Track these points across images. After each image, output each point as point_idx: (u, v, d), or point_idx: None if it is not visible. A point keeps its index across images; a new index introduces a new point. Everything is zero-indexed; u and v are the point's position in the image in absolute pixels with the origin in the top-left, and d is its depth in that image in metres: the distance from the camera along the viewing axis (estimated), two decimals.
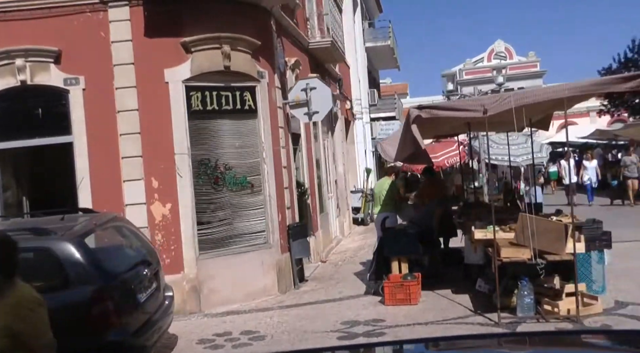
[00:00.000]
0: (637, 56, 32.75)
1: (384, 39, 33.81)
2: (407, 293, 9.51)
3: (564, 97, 8.15)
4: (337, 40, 16.46)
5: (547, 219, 8.42)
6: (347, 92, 23.49)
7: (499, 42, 50.92)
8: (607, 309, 8.41)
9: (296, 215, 12.46)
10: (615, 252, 12.17)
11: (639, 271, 10.51)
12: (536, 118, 11.64)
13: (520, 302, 8.29)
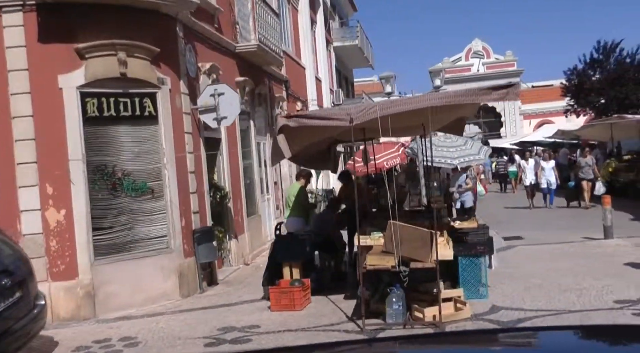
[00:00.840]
0: (603, 57, 32.78)
1: (351, 39, 33.84)
2: (291, 299, 9.55)
3: (428, 106, 8.18)
4: (271, 43, 16.43)
5: (413, 227, 8.42)
6: (301, 92, 23.51)
7: (476, 41, 50.91)
8: (477, 314, 8.44)
9: (208, 220, 12.48)
10: (535, 254, 12.34)
11: (542, 274, 10.53)
12: (442, 124, 11.70)
13: (389, 308, 8.33)
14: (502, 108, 49.93)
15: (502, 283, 10.16)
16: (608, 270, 10.51)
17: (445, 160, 17.20)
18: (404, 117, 9.08)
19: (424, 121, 9.46)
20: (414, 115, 9.17)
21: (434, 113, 10.01)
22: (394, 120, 9.19)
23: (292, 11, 23.70)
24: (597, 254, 12.06)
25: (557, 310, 8.35)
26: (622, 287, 9.24)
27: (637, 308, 8.12)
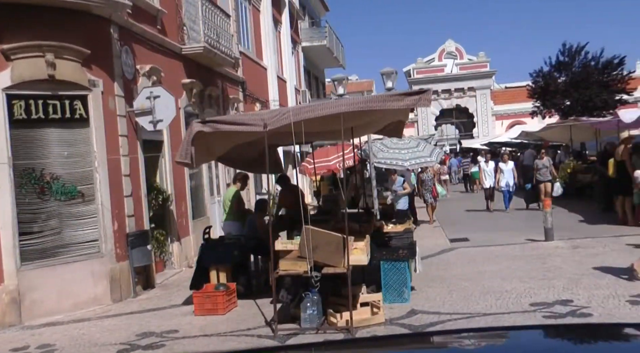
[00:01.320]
0: (568, 59, 32.97)
1: (320, 39, 33.79)
2: (214, 303, 9.51)
3: (340, 112, 8.16)
4: (221, 45, 16.36)
5: (326, 232, 8.40)
6: (262, 93, 23.45)
7: (449, 41, 51.06)
8: (393, 318, 8.44)
9: (145, 223, 12.40)
10: (473, 256, 12.37)
11: (472, 276, 10.57)
12: (377, 127, 11.72)
13: (303, 313, 8.31)
14: (474, 109, 50.11)
15: (429, 286, 10.18)
16: (537, 272, 10.54)
17: (396, 162, 17.23)
18: (330, 121, 9.07)
19: (347, 125, 9.47)
20: (337, 119, 9.15)
21: (362, 117, 10.07)
22: (320, 124, 9.21)
23: (253, 12, 23.63)
24: (532, 256, 12.11)
25: (471, 313, 8.35)
26: (543, 290, 9.27)
27: (549, 310, 8.13)
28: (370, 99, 8.58)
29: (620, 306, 8.15)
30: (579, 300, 8.55)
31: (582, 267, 10.67)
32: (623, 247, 12.33)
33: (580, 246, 12.81)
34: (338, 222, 11.02)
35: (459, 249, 13.80)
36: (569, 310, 8.08)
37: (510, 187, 20.68)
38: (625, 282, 9.31)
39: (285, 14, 28.65)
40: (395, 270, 9.24)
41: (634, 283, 9.16)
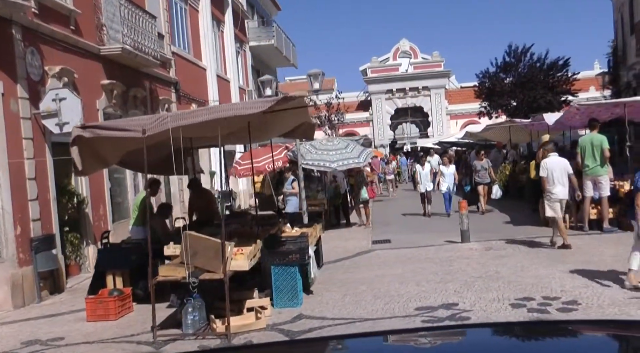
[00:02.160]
0: (514, 60, 33.32)
1: (267, 39, 33.69)
2: (106, 309, 9.40)
3: (217, 118, 8.14)
4: (145, 46, 16.20)
5: (206, 237, 8.35)
6: (201, 94, 23.31)
7: (403, 41, 51.28)
8: (276, 323, 8.42)
9: (54, 227, 12.22)
10: (386, 259, 12.41)
11: (373, 280, 10.61)
12: (281, 131, 11.72)
13: (184, 319, 8.25)
14: (429, 108, 50.42)
15: (328, 290, 10.18)
16: (437, 275, 10.60)
17: (324, 163, 17.26)
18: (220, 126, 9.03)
19: (232, 130, 9.45)
20: (230, 124, 9.11)
21: (263, 122, 10.06)
22: (212, 129, 9.14)
23: (191, 12, 23.47)
24: (442, 258, 12.17)
25: (354, 318, 8.36)
26: (435, 293, 9.32)
27: (430, 315, 8.17)
28: (247, 104, 8.53)
29: (501, 309, 8.21)
30: (463, 304, 8.60)
31: (483, 269, 10.75)
32: (534, 249, 12.46)
33: (493, 248, 12.92)
34: (243, 225, 11.04)
35: (377, 251, 13.83)
36: (449, 314, 8.12)
37: (452, 191, 19.64)
38: (515, 285, 9.40)
39: (228, 13, 28.51)
40: (286, 275, 9.23)
41: (523, 287, 9.25)
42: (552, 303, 8.29)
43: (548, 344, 2.50)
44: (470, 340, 2.67)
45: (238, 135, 10.83)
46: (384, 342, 2.74)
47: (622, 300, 8.23)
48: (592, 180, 13.82)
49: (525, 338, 2.63)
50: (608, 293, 8.58)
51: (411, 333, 3.36)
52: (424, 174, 20.09)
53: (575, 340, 2.55)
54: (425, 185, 19.81)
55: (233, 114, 8.12)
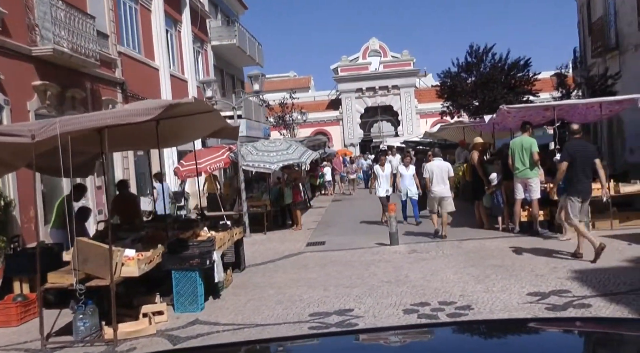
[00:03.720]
0: (476, 60, 33.35)
1: (229, 38, 33.58)
2: (7, 315, 9.31)
3: (105, 125, 8.07)
4: (82, 46, 16.07)
5: (97, 244, 8.28)
6: (153, 93, 23.17)
7: (373, 39, 51.30)
8: (168, 329, 8.40)
9: None
10: (311, 261, 12.41)
11: (285, 284, 10.61)
12: (197, 136, 11.65)
13: (74, 326, 8.18)
14: (399, 107, 50.48)
15: (237, 294, 10.16)
16: (349, 279, 10.56)
17: (264, 164, 17.22)
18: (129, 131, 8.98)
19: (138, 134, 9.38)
20: (135, 128, 9.04)
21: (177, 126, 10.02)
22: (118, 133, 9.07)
23: (142, 11, 23.34)
24: (364, 261, 12.16)
25: (245, 324, 8.32)
26: (336, 299, 9.28)
27: (320, 321, 8.13)
28: (132, 111, 8.40)
29: (393, 315, 8.19)
30: (359, 309, 8.58)
31: (395, 273, 10.74)
32: (458, 251, 12.49)
33: (417, 251, 12.92)
34: (157, 229, 10.98)
35: (306, 254, 13.80)
36: (339, 320, 8.10)
37: (414, 195, 17.29)
38: (418, 290, 9.40)
39: (185, 13, 28.39)
40: (187, 280, 9.18)
41: (425, 292, 9.24)
42: (446, 308, 8.28)
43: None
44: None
45: (162, 137, 10.74)
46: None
47: (515, 305, 8.24)
48: (523, 183, 13.84)
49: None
50: (504, 298, 8.59)
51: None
52: (384, 175, 17.50)
53: (564, 337, 2.57)
54: (386, 188, 17.34)
55: (118, 122, 8.04)
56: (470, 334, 2.72)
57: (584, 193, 10.53)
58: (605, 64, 26.54)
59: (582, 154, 10.56)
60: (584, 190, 10.55)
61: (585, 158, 10.53)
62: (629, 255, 10.84)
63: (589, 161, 10.58)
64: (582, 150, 10.61)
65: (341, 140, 51.07)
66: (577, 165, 10.41)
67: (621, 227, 13.92)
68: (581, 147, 10.73)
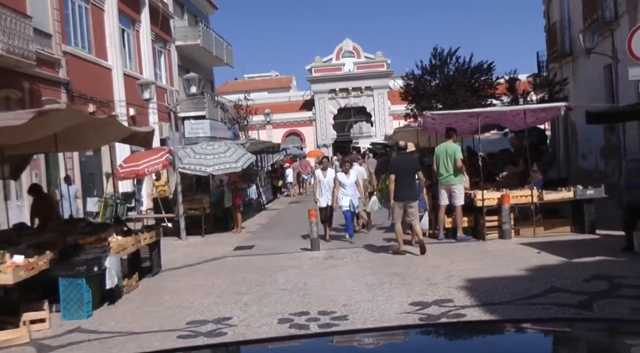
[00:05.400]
0: (439, 63, 33.37)
1: (194, 38, 33.49)
2: None
3: None
4: (16, 47, 15.95)
5: None
6: (104, 94, 23.07)
7: (347, 41, 51.24)
8: (46, 337, 8.31)
9: None
10: (229, 266, 12.36)
11: (187, 290, 10.55)
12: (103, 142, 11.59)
13: None
14: (372, 108, 50.46)
15: (133, 300, 10.11)
16: (249, 286, 10.51)
17: (199, 167, 17.17)
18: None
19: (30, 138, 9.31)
20: None
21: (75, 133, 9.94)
22: None
23: (94, 11, 23.25)
24: (274, 267, 12.09)
25: (121, 332, 8.25)
26: (223, 306, 9.21)
27: (193, 330, 8.06)
28: None
29: (266, 325, 8.12)
30: (237, 318, 8.52)
31: (295, 281, 10.67)
32: (372, 258, 12.49)
33: (333, 257, 12.91)
34: (59, 233, 10.90)
35: (227, 259, 13.74)
36: (211, 329, 8.04)
37: (355, 207, 15.18)
38: (306, 298, 9.35)
39: (145, 13, 28.29)
40: (74, 286, 9.10)
41: (311, 301, 9.19)
42: (321, 318, 8.22)
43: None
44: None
45: (65, 142, 10.68)
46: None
47: (391, 315, 8.20)
48: (447, 189, 13.84)
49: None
50: (384, 308, 8.55)
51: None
52: (325, 182, 15.26)
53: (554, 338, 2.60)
54: (327, 198, 15.12)
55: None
56: (469, 334, 2.74)
57: (405, 200, 12.33)
58: (562, 69, 26.60)
59: (404, 167, 12.54)
60: (406, 198, 12.34)
61: (406, 170, 12.47)
62: (532, 264, 10.82)
63: (411, 173, 12.58)
64: (404, 165, 12.67)
65: (314, 141, 50.98)
66: (399, 177, 12.35)
67: (545, 233, 13.93)
68: (404, 162, 12.86)
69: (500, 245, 12.94)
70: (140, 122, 25.92)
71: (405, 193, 12.44)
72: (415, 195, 12.68)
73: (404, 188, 12.44)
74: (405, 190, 12.45)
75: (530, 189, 14.02)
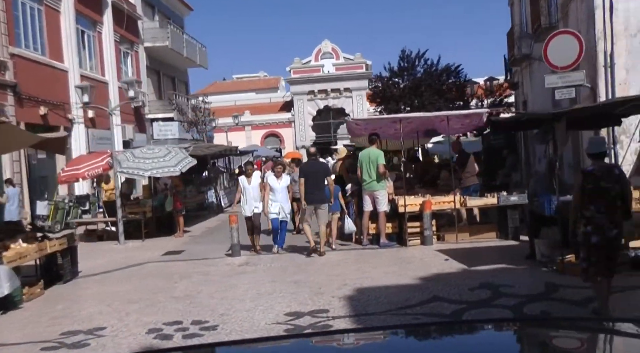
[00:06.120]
0: (408, 66, 33.41)
1: (162, 40, 33.47)
2: None
3: None
4: None
5: None
6: (59, 96, 23.03)
7: (325, 42, 51.13)
8: None
9: None
10: (143, 273, 12.29)
11: (97, 297, 10.51)
12: None
13: None
14: (351, 109, 50.38)
15: (27, 309, 10.04)
16: (144, 294, 10.47)
17: (137, 171, 17.15)
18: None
19: None
20: None
21: None
22: None
23: (48, 12, 23.21)
24: (189, 273, 12.05)
25: (3, 343, 8.23)
26: (106, 315, 9.19)
27: (60, 340, 8.04)
28: None
29: (134, 335, 8.08)
30: (112, 328, 8.48)
31: (190, 289, 10.64)
32: (284, 264, 12.51)
33: (249, 263, 12.93)
34: None
35: (149, 264, 13.68)
36: (77, 340, 8.01)
37: (286, 216, 14.06)
38: (186, 306, 9.32)
39: (107, 14, 28.24)
40: None
41: (189, 310, 9.16)
42: (191, 328, 8.20)
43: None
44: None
45: None
46: None
47: (262, 326, 8.15)
48: (370, 195, 13.81)
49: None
50: (258, 318, 8.52)
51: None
52: (250, 188, 14.17)
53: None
54: (253, 206, 14.05)
55: None
56: (469, 334, 2.75)
57: (314, 202, 13.09)
58: (522, 73, 26.57)
59: (313, 172, 13.29)
60: (314, 200, 13.08)
61: (314, 175, 13.20)
62: (432, 272, 10.82)
63: (320, 177, 13.27)
64: (312, 169, 13.41)
65: (293, 142, 50.90)
66: (308, 181, 13.08)
67: (471, 240, 13.91)
68: (312, 167, 13.60)
69: (416, 252, 12.91)
70: (100, 125, 25.90)
71: (314, 196, 13.11)
72: (324, 198, 13.23)
73: (313, 191, 13.10)
74: (314, 193, 13.10)
75: (456, 195, 14.01)
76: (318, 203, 13.12)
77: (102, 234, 18.74)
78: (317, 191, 13.18)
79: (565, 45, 12.96)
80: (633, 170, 12.72)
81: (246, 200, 14.12)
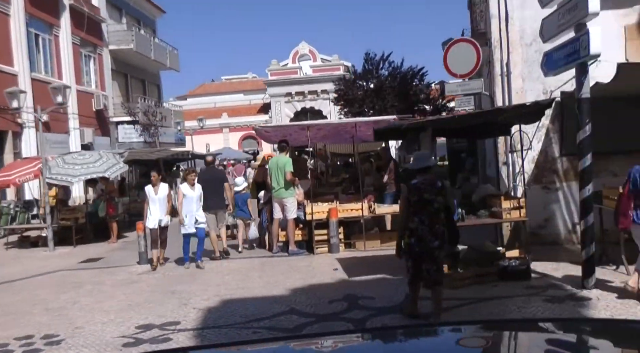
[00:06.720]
0: (373, 68, 33.41)
1: (127, 43, 33.56)
2: None
3: None
4: None
5: None
6: (6, 101, 23.11)
7: (302, 44, 51.21)
8: None
9: None
10: (32, 285, 12.34)
11: None
12: None
13: None
14: (327, 111, 50.41)
15: None
16: (28, 306, 10.49)
17: (66, 178, 17.26)
18: None
19: None
20: None
21: None
22: None
23: None
24: (90, 282, 12.12)
25: None
26: None
27: None
28: None
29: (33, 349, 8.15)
30: None
31: (72, 299, 10.64)
32: (175, 274, 12.62)
33: (149, 272, 12.99)
34: None
35: (61, 272, 13.64)
36: None
37: (200, 225, 13.16)
38: (45, 321, 9.34)
39: (65, 17, 28.30)
40: None
41: (48, 323, 9.21)
42: (37, 343, 8.24)
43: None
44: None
45: None
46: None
47: (107, 340, 8.22)
48: (279, 203, 13.90)
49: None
50: (109, 331, 8.57)
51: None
52: (157, 199, 13.29)
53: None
54: (159, 216, 13.33)
55: None
56: (469, 334, 2.75)
57: (213, 208, 13.70)
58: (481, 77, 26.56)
59: (210, 179, 14.02)
60: (213, 206, 13.72)
61: (212, 182, 13.89)
62: (311, 282, 10.91)
63: (219, 184, 13.99)
64: (208, 177, 14.12)
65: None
66: (206, 188, 13.50)
67: (381, 247, 13.92)
68: (209, 174, 14.45)
69: (316, 261, 13.00)
70: (55, 128, 25.98)
71: (212, 202, 13.69)
72: (222, 204, 14.15)
73: (211, 198, 13.64)
74: (212, 200, 13.66)
75: (367, 202, 14.09)
76: (217, 210, 13.91)
77: (37, 240, 18.80)
78: (216, 198, 13.81)
79: (464, 53, 13.05)
80: (531, 178, 12.75)
81: (150, 211, 13.21)
